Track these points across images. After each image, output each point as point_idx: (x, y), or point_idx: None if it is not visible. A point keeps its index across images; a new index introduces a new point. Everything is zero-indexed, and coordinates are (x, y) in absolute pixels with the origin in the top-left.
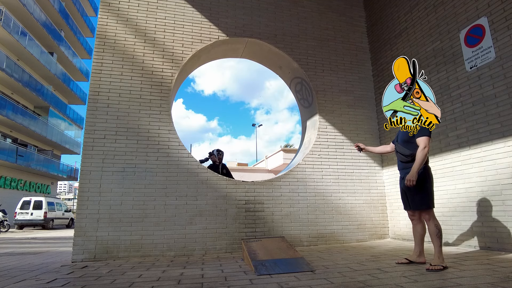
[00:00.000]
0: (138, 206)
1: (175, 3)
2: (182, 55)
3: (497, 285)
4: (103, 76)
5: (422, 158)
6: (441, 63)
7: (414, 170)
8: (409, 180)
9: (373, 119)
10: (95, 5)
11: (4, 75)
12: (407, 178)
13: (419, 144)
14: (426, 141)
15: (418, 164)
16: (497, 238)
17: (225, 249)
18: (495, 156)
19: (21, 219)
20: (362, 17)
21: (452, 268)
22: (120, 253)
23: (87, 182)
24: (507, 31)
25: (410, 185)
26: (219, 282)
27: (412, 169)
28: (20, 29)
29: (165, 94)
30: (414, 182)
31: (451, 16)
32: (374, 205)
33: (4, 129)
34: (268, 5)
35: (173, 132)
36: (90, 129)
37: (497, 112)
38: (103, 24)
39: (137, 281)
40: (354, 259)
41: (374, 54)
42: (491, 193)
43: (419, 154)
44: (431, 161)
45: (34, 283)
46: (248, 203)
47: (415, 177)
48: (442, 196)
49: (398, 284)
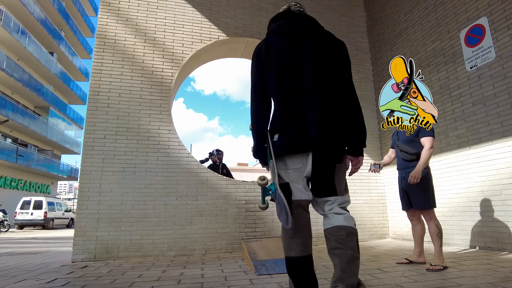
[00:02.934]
0: (138, 206)
1: (175, 3)
2: (182, 55)
3: (497, 285)
4: (103, 76)
5: (428, 157)
6: (441, 63)
7: (420, 168)
8: (413, 176)
9: (373, 119)
10: (95, 5)
11: (4, 75)
12: (411, 174)
13: (424, 144)
14: (431, 142)
15: (423, 163)
16: (497, 238)
17: (225, 249)
18: (495, 156)
19: (21, 219)
20: (362, 17)
21: (452, 268)
22: (120, 253)
23: (87, 182)
24: (507, 31)
25: (413, 182)
26: (219, 282)
27: (418, 166)
28: (20, 29)
29: (165, 94)
30: (418, 180)
31: (451, 16)
32: (374, 205)
33: (4, 129)
34: (268, 5)
35: (173, 132)
36: (90, 129)
37: (497, 112)
38: (103, 24)
39: (137, 281)
40: None
41: (374, 54)
42: (491, 193)
43: (425, 153)
44: (431, 161)
45: (34, 283)
46: (248, 203)
47: (420, 174)
48: (442, 196)
49: (398, 284)
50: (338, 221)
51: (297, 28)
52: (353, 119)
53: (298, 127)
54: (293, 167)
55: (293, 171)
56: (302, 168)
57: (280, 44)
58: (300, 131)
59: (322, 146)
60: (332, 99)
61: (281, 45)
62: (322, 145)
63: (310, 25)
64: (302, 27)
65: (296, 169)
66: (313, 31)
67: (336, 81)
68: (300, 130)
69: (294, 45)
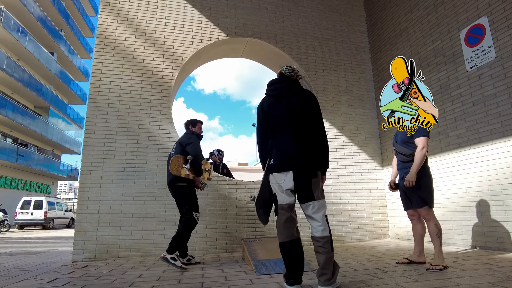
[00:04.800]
0: (138, 206)
1: (175, 3)
2: (182, 55)
3: (497, 285)
4: (103, 76)
5: (421, 158)
6: (441, 63)
7: (413, 171)
8: (408, 181)
9: (373, 119)
10: (95, 5)
11: (4, 75)
12: (406, 179)
13: (417, 144)
14: (424, 142)
15: (417, 165)
16: (497, 238)
17: (225, 248)
18: (495, 155)
19: (22, 219)
20: (362, 16)
21: (452, 268)
22: (121, 252)
23: (87, 182)
24: (508, 30)
25: (409, 186)
26: (219, 282)
27: (411, 170)
28: (20, 29)
29: (165, 94)
30: (413, 183)
31: (451, 16)
32: (374, 204)
33: (5, 129)
34: (268, 5)
35: (173, 132)
36: (91, 129)
37: (498, 111)
38: (103, 24)
39: (137, 281)
40: (354, 258)
41: (374, 53)
42: (491, 192)
43: (418, 155)
44: (431, 160)
45: (35, 282)
46: (248, 203)
47: (414, 178)
48: (442, 196)
49: (399, 284)
50: (318, 232)
51: (279, 90)
52: (319, 149)
53: (283, 155)
54: (279, 181)
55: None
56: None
57: (269, 103)
58: (284, 157)
59: (296, 167)
60: (304, 137)
61: (270, 103)
62: (296, 167)
63: (288, 87)
64: (282, 89)
65: (280, 183)
66: (290, 91)
67: (308, 124)
68: (284, 157)
69: (277, 102)
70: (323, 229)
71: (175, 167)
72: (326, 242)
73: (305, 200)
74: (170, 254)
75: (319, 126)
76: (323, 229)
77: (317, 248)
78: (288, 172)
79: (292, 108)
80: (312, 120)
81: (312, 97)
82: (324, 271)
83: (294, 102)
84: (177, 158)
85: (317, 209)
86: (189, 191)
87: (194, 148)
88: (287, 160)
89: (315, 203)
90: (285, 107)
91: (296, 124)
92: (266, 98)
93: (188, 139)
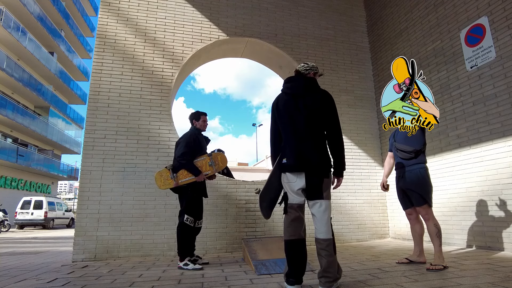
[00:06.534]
0: (138, 206)
1: (175, 3)
2: (182, 55)
3: (497, 284)
4: (103, 76)
5: None
6: (441, 63)
7: None
8: None
9: (373, 118)
10: (95, 5)
11: (4, 74)
12: None
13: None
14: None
15: None
16: (497, 238)
17: (225, 248)
18: (495, 155)
19: (22, 219)
20: (362, 16)
21: (452, 267)
22: (121, 252)
23: (87, 182)
24: (508, 30)
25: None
26: (220, 282)
27: None
28: (20, 29)
29: (165, 94)
30: None
31: (451, 16)
32: (374, 204)
33: (5, 128)
34: (268, 5)
35: (173, 132)
36: (91, 129)
37: (498, 111)
38: (103, 24)
39: (137, 281)
40: (354, 258)
41: (374, 53)
42: (491, 192)
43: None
44: (431, 160)
45: (35, 282)
46: (248, 203)
47: None
48: (442, 196)
49: (399, 284)
50: (321, 234)
51: (295, 89)
52: (335, 151)
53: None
54: (291, 180)
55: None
56: (296, 181)
57: (285, 100)
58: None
59: (309, 169)
60: (319, 138)
61: (286, 100)
62: (310, 168)
63: (306, 86)
64: (299, 88)
65: (292, 182)
66: (307, 90)
67: (323, 124)
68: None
69: (294, 101)
70: (327, 231)
71: (161, 183)
72: (328, 245)
73: (314, 198)
74: (181, 262)
75: (335, 128)
76: (326, 231)
77: (320, 251)
78: (300, 173)
79: (308, 108)
80: (328, 121)
81: (329, 98)
82: (325, 273)
83: (310, 102)
84: (158, 175)
85: (324, 210)
86: (187, 193)
87: (178, 150)
88: (300, 161)
89: (323, 202)
90: (300, 107)
91: (311, 125)
92: (282, 95)
93: (179, 139)
